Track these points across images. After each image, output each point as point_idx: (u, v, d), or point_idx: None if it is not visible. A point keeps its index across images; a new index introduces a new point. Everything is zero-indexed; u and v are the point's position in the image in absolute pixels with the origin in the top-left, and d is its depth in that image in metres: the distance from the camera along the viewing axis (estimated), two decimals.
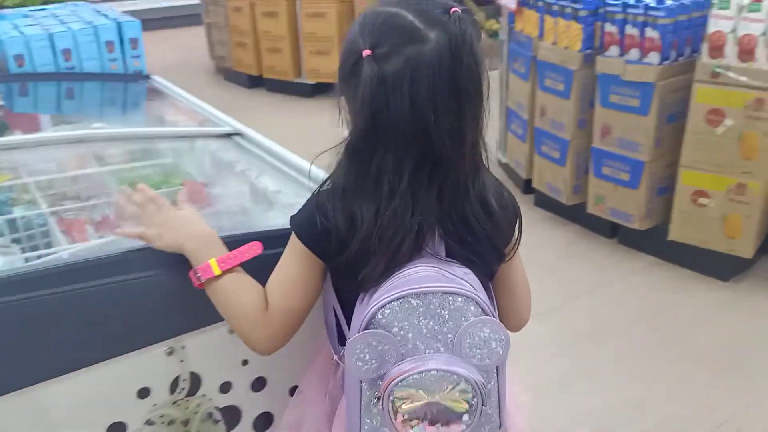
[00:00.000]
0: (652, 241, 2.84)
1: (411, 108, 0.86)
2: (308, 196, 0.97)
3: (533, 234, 3.13)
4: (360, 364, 0.85)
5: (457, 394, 0.84)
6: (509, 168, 3.59)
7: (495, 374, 0.89)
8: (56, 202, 1.83)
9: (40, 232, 1.63)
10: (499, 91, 3.64)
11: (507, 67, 3.48)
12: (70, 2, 3.01)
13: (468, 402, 0.84)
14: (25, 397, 0.92)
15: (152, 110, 2.24)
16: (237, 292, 0.96)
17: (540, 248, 3.03)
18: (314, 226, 0.92)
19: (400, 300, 0.85)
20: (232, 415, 1.11)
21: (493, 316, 0.88)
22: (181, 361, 1.04)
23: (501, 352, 0.86)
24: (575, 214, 3.13)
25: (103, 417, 0.99)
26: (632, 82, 2.63)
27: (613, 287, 2.72)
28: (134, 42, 2.31)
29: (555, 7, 2.91)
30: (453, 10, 0.88)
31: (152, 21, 7.57)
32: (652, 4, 2.55)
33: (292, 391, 1.14)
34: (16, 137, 1.77)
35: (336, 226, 0.90)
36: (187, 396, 1.06)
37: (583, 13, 2.78)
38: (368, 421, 0.88)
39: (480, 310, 0.86)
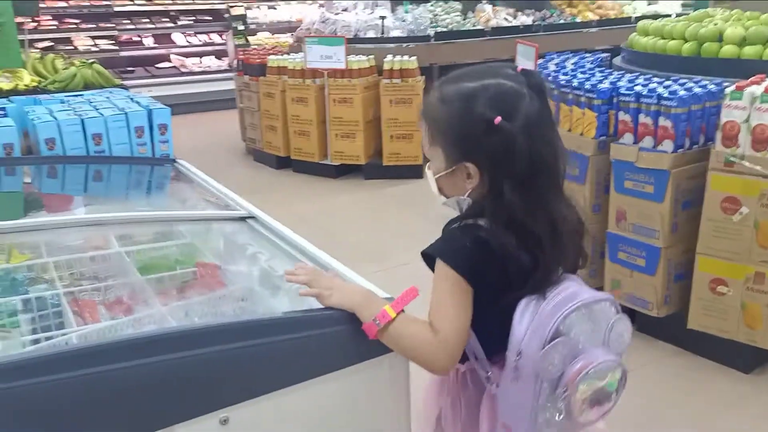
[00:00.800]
0: (670, 329, 2.79)
1: (550, 149, 1.13)
2: None
3: None
4: (551, 368, 1.07)
5: (614, 376, 1.11)
6: None
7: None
8: (74, 282, 1.89)
9: (53, 312, 1.68)
10: None
11: None
12: (106, 89, 3.19)
13: (617, 382, 1.12)
14: None
15: (175, 193, 2.32)
16: (409, 327, 1.14)
17: None
18: (469, 258, 1.13)
19: (575, 311, 1.08)
20: None
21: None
22: None
23: (629, 340, 1.15)
24: None
25: None
26: (647, 169, 2.65)
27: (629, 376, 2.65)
28: (163, 128, 2.43)
29: (570, 96, 2.99)
30: (519, 68, 1.16)
31: (190, 105, 7.93)
32: (665, 93, 2.60)
33: None
34: (40, 219, 1.84)
35: (502, 256, 1.11)
36: None
37: (597, 102, 2.84)
38: (542, 415, 1.09)
39: (614, 310, 1.13)
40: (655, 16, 5.32)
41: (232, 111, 6.59)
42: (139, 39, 8.70)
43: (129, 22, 8.63)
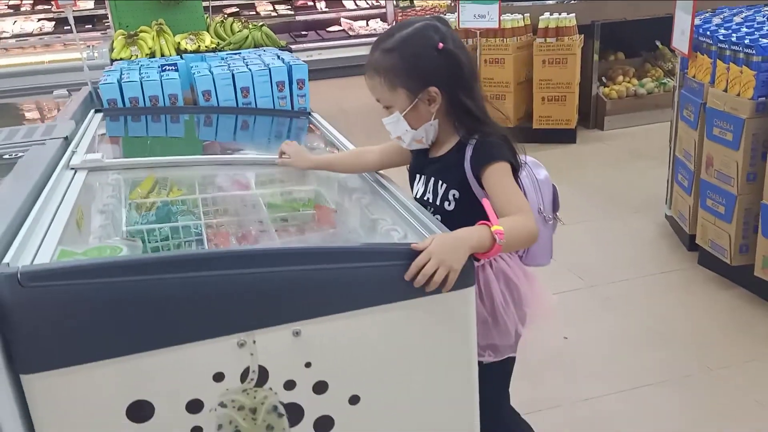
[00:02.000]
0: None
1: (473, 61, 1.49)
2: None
3: (693, 295, 2.91)
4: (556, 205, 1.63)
5: None
6: (674, 221, 3.38)
7: None
8: (216, 216, 2.14)
9: (196, 240, 1.91)
10: (669, 139, 3.45)
11: (677, 114, 3.30)
12: (262, 48, 3.45)
13: None
14: (124, 365, 1.12)
15: (309, 142, 2.50)
16: (515, 226, 1.30)
17: (699, 313, 2.82)
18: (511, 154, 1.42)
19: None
20: (295, 412, 1.22)
21: None
22: (251, 354, 1.18)
23: None
24: (742, 277, 2.86)
25: (184, 392, 1.16)
26: None
27: None
28: (301, 83, 2.60)
29: (727, 52, 2.74)
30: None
31: (356, 67, 8.22)
32: None
33: (353, 399, 1.24)
34: (195, 156, 2.06)
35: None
36: (255, 386, 1.20)
37: (756, 59, 2.58)
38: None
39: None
40: None
41: None
42: (312, 4, 9.13)
43: None
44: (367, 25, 9.00)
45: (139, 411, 1.13)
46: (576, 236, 3.66)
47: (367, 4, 9.24)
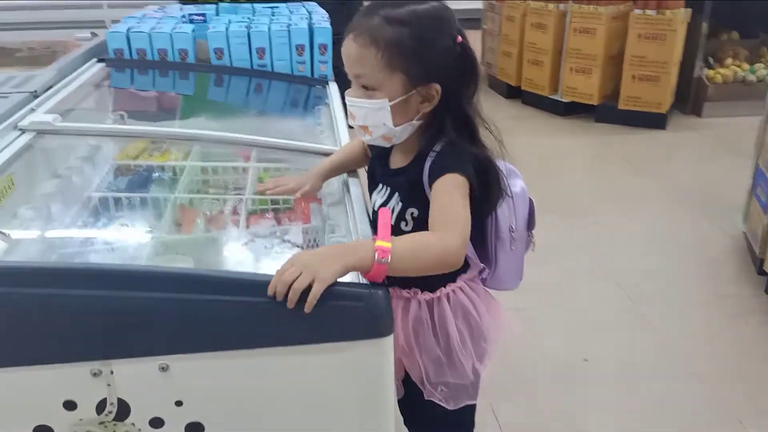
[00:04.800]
0: None
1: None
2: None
3: (751, 330, 2.53)
4: (532, 224, 1.36)
5: None
6: (747, 239, 2.94)
7: None
8: (198, 189, 1.99)
9: (155, 213, 1.78)
10: (755, 146, 2.98)
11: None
12: (301, 2, 3.22)
13: None
14: None
15: (323, 116, 2.29)
16: (411, 242, 1.08)
17: (753, 352, 2.44)
18: (473, 170, 1.17)
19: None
20: None
21: None
22: (108, 384, 1.03)
23: None
24: None
25: (32, 417, 1.04)
26: None
27: None
28: (323, 48, 2.37)
29: None
30: None
31: None
32: None
33: None
34: (190, 130, 1.88)
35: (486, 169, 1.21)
36: (114, 420, 1.05)
37: None
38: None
39: None
40: None
41: (476, 32, 6.34)
42: None
43: None
44: None
45: None
46: (630, 237, 3.28)
47: None
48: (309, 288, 0.98)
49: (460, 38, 1.16)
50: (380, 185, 1.33)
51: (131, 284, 1.00)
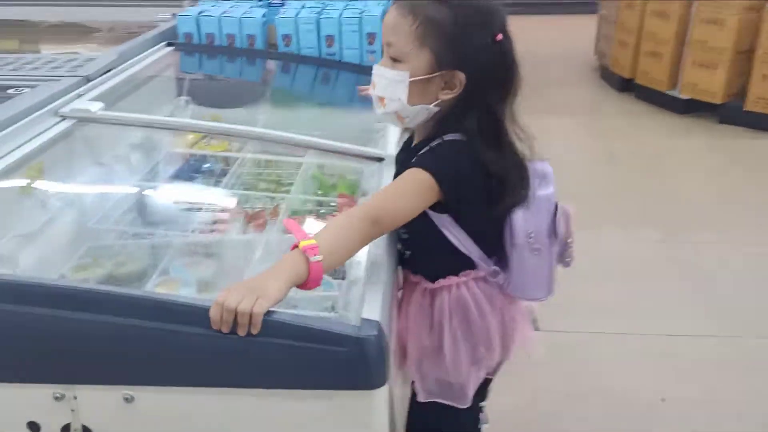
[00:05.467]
0: None
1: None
2: None
3: None
4: (561, 232, 1.22)
5: None
6: None
7: None
8: (243, 183, 1.92)
9: (196, 208, 1.72)
10: None
11: None
12: None
13: None
14: None
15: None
16: (336, 230, 1.04)
17: None
18: (457, 171, 1.12)
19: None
20: None
21: None
22: (72, 410, 0.96)
23: None
24: None
25: None
26: None
27: None
28: None
29: None
30: None
31: (547, 6, 7.41)
32: None
33: None
34: (238, 126, 1.78)
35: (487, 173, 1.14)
36: None
37: None
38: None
39: None
40: None
41: (592, 17, 5.91)
42: None
43: None
44: None
45: None
46: (745, 264, 2.89)
47: None
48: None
49: (500, 36, 1.12)
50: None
51: (94, 307, 0.93)
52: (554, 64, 5.72)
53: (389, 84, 1.15)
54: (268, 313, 0.90)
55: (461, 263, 1.22)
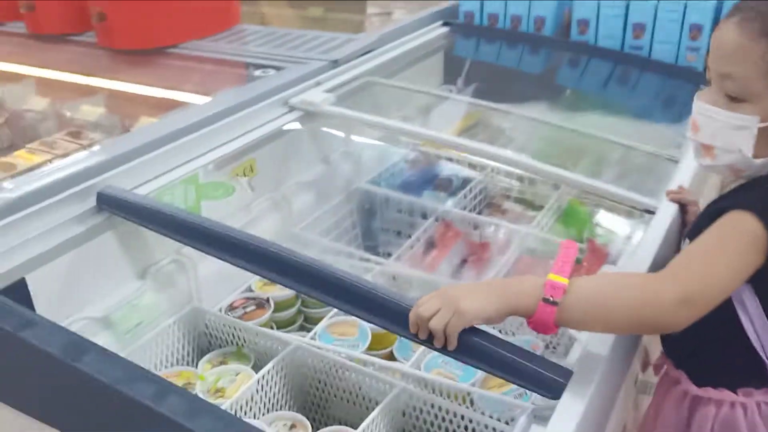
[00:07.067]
0: None
1: None
2: None
3: None
4: None
5: None
6: None
7: None
8: (485, 200, 1.62)
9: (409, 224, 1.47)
10: None
11: None
12: None
13: None
14: None
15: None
16: (600, 282, 0.85)
17: None
18: None
19: None
20: None
21: None
22: None
23: None
24: None
25: None
26: None
27: None
28: None
29: None
30: None
31: None
32: None
33: None
34: (487, 148, 1.45)
35: None
36: None
37: None
38: None
39: None
40: None
41: None
42: None
43: None
44: None
45: None
46: None
47: None
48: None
49: None
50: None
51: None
52: None
53: (724, 129, 0.87)
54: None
55: (746, 369, 0.91)
